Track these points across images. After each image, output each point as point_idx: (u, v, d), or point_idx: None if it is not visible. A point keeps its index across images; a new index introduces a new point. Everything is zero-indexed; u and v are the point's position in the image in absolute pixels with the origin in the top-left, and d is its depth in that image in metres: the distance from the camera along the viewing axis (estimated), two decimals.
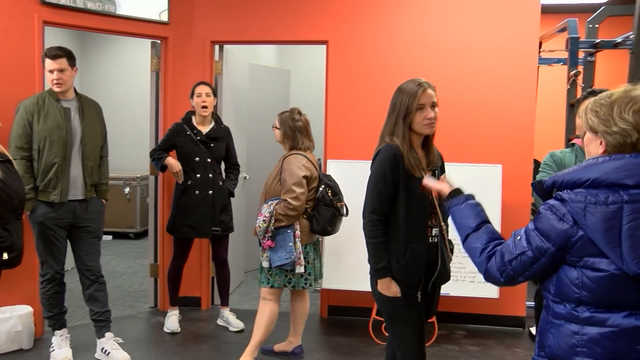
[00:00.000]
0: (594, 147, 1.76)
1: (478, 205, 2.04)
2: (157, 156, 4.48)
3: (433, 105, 2.57)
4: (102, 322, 3.94)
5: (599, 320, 1.66)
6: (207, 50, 4.95)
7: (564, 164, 2.78)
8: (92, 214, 3.88)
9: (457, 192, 2.14)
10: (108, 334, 3.94)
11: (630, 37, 4.30)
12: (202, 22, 4.96)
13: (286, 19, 4.87)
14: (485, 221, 1.97)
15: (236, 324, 4.55)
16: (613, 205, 1.60)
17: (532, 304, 4.41)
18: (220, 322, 4.66)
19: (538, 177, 2.80)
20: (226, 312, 4.65)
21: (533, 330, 4.43)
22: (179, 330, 4.48)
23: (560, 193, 1.70)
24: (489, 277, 1.85)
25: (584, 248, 1.66)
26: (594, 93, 2.78)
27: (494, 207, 4.36)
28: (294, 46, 8.18)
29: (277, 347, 4.05)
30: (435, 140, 2.74)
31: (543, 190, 1.79)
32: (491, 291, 4.40)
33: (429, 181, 2.38)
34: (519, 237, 1.77)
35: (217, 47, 5.08)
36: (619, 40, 4.76)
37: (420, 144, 2.65)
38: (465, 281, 4.40)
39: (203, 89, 4.42)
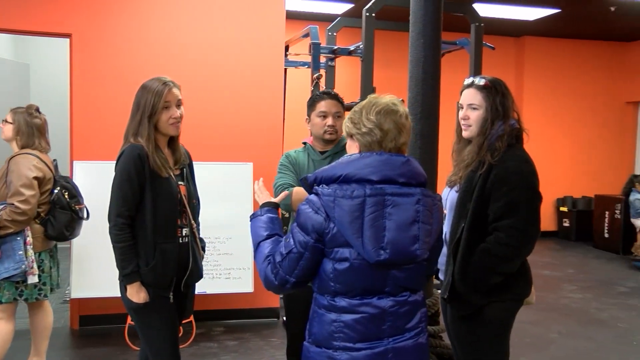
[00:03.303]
0: (352, 151, 1.96)
1: (276, 219, 2.07)
2: None
3: (178, 104, 2.57)
4: None
5: (352, 308, 1.84)
6: None
7: (299, 163, 2.97)
8: None
9: (267, 204, 2.13)
10: None
11: (360, 46, 4.81)
12: None
13: (21, 5, 4.41)
14: (278, 234, 2.01)
15: None
16: (357, 199, 1.79)
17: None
18: None
19: (276, 177, 2.93)
20: None
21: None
22: None
23: (317, 188, 1.86)
24: (267, 282, 1.91)
25: (334, 239, 1.81)
26: (329, 94, 3.00)
27: (246, 204, 4.51)
28: (34, 37, 7.45)
29: None
30: (184, 140, 2.75)
31: (308, 186, 1.93)
32: (246, 286, 4.56)
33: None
34: (287, 239, 1.88)
35: None
36: (352, 48, 5.29)
37: (166, 143, 2.63)
38: (221, 278, 4.48)
39: None
